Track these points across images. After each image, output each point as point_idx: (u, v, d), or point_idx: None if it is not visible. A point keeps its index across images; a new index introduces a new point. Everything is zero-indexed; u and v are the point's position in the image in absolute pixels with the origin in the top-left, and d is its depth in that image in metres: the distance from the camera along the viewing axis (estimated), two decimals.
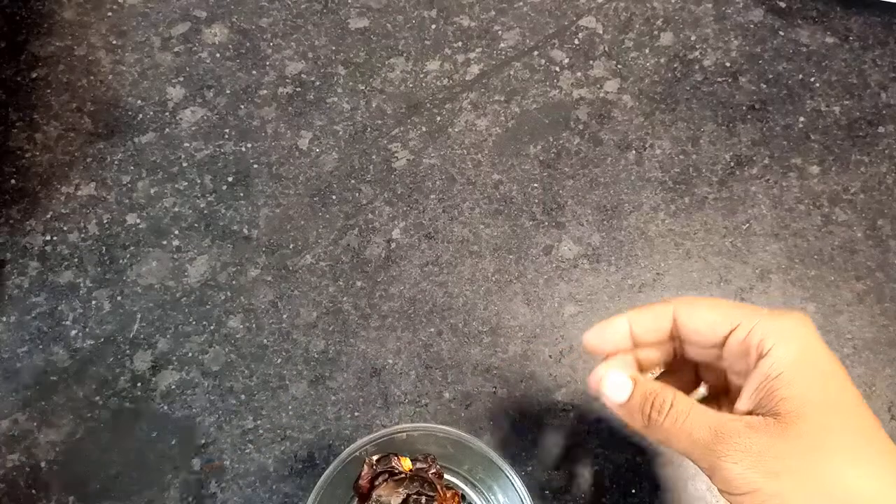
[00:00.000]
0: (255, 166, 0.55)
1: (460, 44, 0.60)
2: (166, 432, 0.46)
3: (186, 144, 0.55)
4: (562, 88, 0.58)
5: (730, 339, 0.35)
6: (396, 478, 0.40)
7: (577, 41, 0.60)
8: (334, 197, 0.54)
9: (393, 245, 0.52)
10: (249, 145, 0.56)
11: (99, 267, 0.51)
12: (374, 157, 0.55)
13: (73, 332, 0.49)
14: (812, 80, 0.58)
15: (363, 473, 0.40)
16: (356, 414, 0.47)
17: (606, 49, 0.59)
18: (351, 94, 0.58)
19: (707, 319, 0.36)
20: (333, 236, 0.53)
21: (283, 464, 0.46)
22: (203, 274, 0.51)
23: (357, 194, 0.54)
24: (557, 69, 0.59)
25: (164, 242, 0.52)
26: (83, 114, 0.56)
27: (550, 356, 0.49)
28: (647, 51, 0.59)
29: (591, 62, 0.59)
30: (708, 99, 0.57)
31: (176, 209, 0.53)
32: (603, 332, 0.38)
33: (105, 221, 0.53)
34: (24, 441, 0.46)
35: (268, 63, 0.59)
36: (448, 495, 0.41)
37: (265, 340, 0.49)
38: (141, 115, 0.56)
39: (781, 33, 0.60)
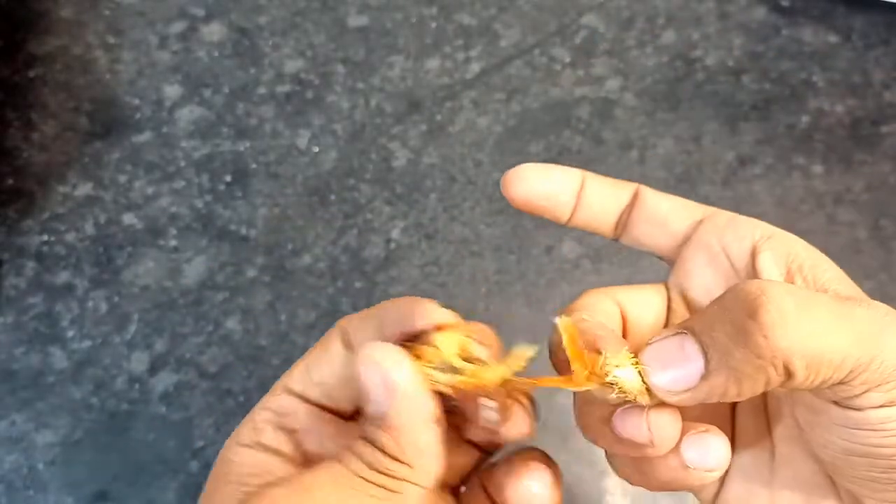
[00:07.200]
0: (253, 166, 0.54)
1: (461, 42, 0.59)
2: (164, 434, 0.46)
3: (184, 144, 0.55)
4: (563, 87, 0.57)
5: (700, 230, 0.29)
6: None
7: (578, 39, 0.59)
8: (333, 196, 0.53)
9: (392, 245, 0.52)
10: (247, 144, 0.55)
11: (96, 267, 0.51)
12: (373, 156, 0.55)
13: (70, 333, 0.49)
14: (815, 79, 0.57)
15: None
16: None
17: (608, 47, 0.59)
18: (350, 92, 0.57)
19: (675, 206, 0.30)
20: (332, 236, 0.52)
21: None
22: (200, 274, 0.51)
23: (356, 194, 0.54)
24: (559, 67, 0.58)
25: (161, 243, 0.52)
26: (80, 113, 0.56)
27: None
28: (648, 49, 0.59)
29: (592, 60, 0.58)
30: (710, 98, 0.57)
31: (173, 209, 0.53)
32: (547, 174, 0.29)
33: (102, 221, 0.52)
34: (21, 442, 0.46)
35: (266, 61, 0.58)
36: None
37: (263, 341, 0.49)
38: (138, 114, 0.56)
39: (784, 32, 0.59)
